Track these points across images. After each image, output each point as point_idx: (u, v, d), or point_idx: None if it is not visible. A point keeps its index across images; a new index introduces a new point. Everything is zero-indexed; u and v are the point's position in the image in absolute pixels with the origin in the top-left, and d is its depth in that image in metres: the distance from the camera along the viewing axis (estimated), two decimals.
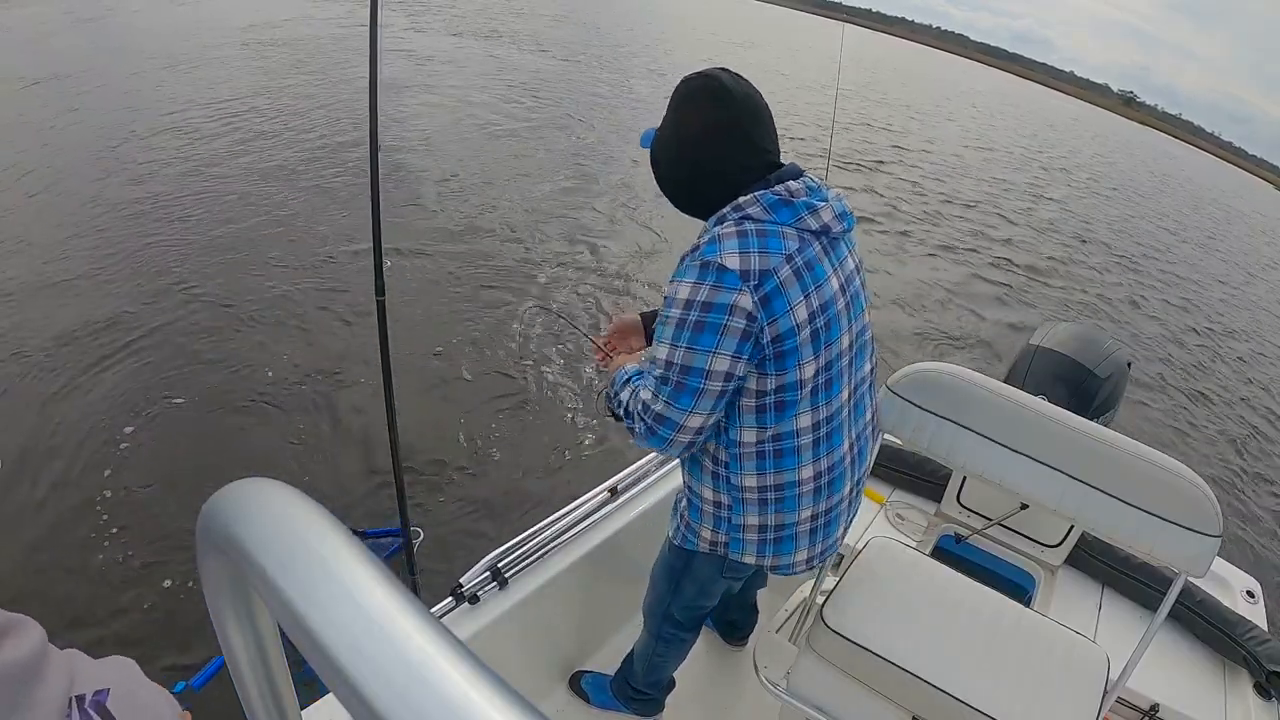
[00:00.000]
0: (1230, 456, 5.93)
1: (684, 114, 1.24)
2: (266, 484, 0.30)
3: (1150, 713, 1.90)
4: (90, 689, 0.57)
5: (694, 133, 1.22)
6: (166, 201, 5.86)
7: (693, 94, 1.22)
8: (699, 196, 1.26)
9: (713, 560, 1.46)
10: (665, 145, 1.28)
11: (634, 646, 1.85)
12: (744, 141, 1.21)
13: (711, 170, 1.22)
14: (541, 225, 6.76)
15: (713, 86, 1.20)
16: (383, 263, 1.96)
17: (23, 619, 0.56)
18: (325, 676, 0.23)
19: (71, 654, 0.60)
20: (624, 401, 1.30)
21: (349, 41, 12.31)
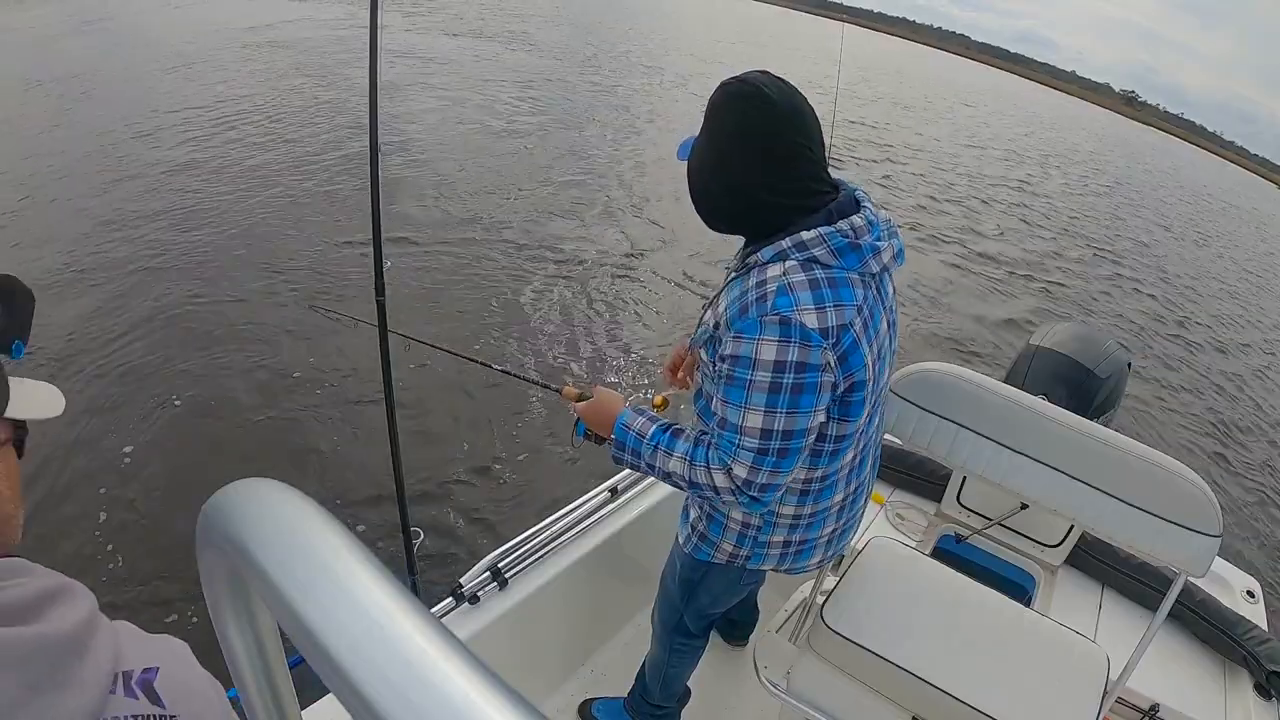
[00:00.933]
0: (1231, 456, 5.93)
1: (721, 126, 1.12)
2: (266, 484, 0.30)
3: (1150, 713, 1.90)
4: (138, 666, 0.55)
5: (732, 148, 1.11)
6: (166, 202, 5.86)
7: (730, 103, 1.11)
8: (741, 220, 1.18)
9: (730, 571, 1.46)
10: (701, 161, 1.18)
11: (644, 663, 1.83)
12: (790, 159, 1.11)
13: (753, 193, 1.12)
14: (542, 224, 6.76)
15: (751, 94, 1.09)
16: (383, 263, 1.96)
17: (74, 585, 0.54)
18: (325, 676, 0.23)
19: (122, 626, 0.58)
20: (673, 472, 1.21)
21: (349, 42, 12.31)
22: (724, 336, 1.12)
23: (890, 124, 17.40)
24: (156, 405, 3.66)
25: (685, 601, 1.58)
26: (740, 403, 1.10)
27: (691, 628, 1.65)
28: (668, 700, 1.82)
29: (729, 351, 1.10)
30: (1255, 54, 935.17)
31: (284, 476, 0.30)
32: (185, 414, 3.65)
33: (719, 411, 1.15)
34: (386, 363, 2.03)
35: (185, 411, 3.67)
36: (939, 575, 1.75)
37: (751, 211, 1.15)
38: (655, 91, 14.51)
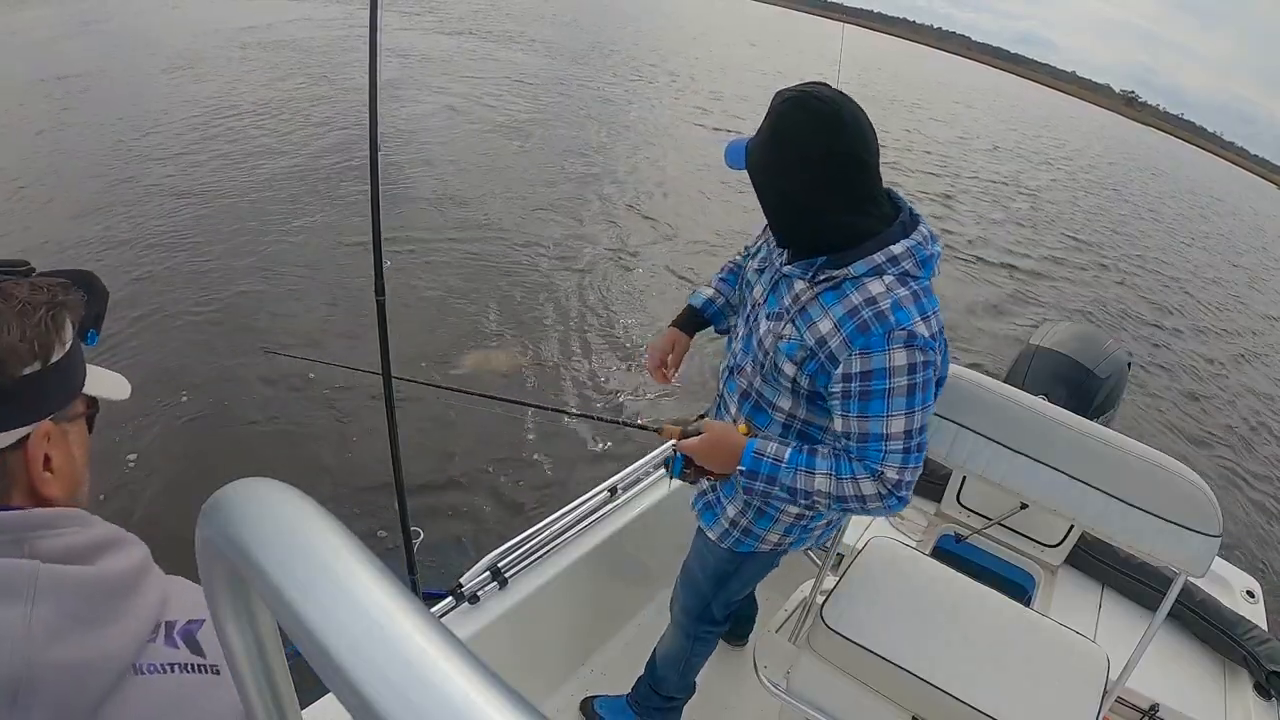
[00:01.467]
0: (1230, 455, 5.93)
1: (802, 147, 1.13)
2: (266, 484, 0.30)
3: (1150, 713, 1.90)
4: (184, 617, 0.59)
5: (819, 172, 1.14)
6: (164, 203, 5.86)
7: (812, 122, 1.12)
8: (824, 238, 1.19)
9: (767, 556, 1.52)
10: (781, 184, 1.18)
11: (658, 653, 1.84)
12: (870, 176, 1.16)
13: (838, 215, 1.16)
14: (541, 223, 6.76)
15: (829, 114, 1.11)
16: (383, 263, 1.96)
17: (128, 537, 0.60)
18: (325, 676, 0.23)
19: (173, 580, 0.63)
20: (816, 490, 1.23)
21: (348, 42, 12.31)
22: (841, 356, 1.16)
23: (890, 123, 17.41)
24: (157, 405, 3.66)
25: (715, 591, 1.62)
26: (882, 413, 1.16)
27: (717, 615, 1.68)
28: (683, 690, 1.83)
29: (858, 369, 1.15)
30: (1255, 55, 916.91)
31: (284, 476, 0.30)
32: (186, 414, 3.65)
33: (853, 427, 1.19)
34: (386, 363, 2.03)
35: (186, 412, 3.67)
36: (939, 575, 1.75)
37: (837, 229, 1.18)
38: (654, 89, 14.53)
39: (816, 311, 1.20)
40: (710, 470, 1.34)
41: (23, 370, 0.57)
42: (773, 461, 1.25)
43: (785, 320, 1.25)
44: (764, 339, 1.28)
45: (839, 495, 1.22)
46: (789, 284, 1.26)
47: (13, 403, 0.57)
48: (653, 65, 18.07)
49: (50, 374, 0.59)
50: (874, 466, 1.19)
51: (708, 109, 13.70)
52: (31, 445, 0.59)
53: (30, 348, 0.57)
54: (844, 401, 1.19)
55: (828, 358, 1.18)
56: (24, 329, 0.57)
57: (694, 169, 9.61)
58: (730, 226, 7.49)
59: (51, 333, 0.59)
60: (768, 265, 1.35)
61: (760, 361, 1.30)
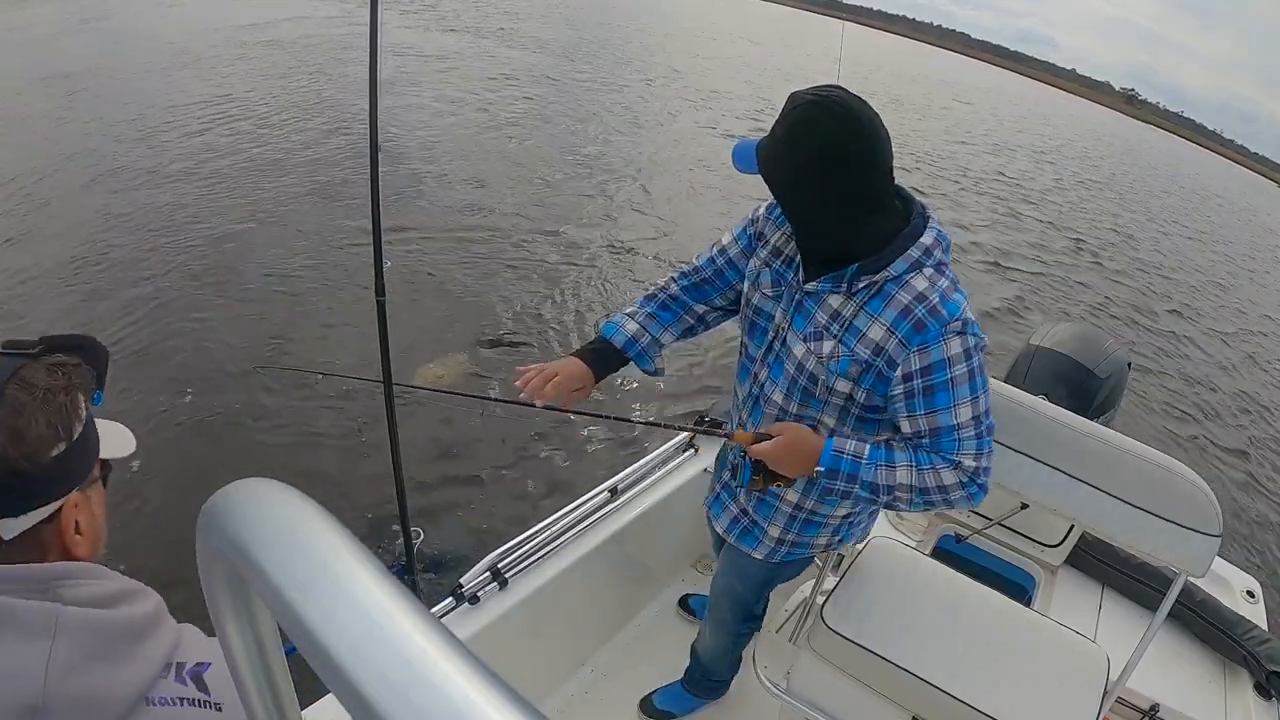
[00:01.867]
0: (1230, 455, 5.93)
1: (821, 148, 1.12)
2: (266, 484, 0.30)
3: (1150, 713, 1.90)
4: (192, 659, 0.66)
5: (847, 176, 1.13)
6: (163, 204, 5.86)
7: (836, 126, 1.11)
8: (857, 240, 1.18)
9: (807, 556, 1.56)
10: (810, 190, 1.16)
11: (702, 653, 1.90)
12: (890, 177, 1.17)
13: (864, 215, 1.16)
14: (541, 222, 6.76)
15: (848, 118, 1.11)
16: (383, 263, 1.96)
17: (143, 588, 0.67)
18: (325, 676, 0.23)
19: (185, 628, 0.70)
20: (898, 484, 1.20)
21: (348, 40, 12.31)
22: (899, 358, 1.16)
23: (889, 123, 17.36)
24: (158, 407, 3.66)
25: (759, 595, 1.69)
26: (949, 404, 1.16)
27: (758, 611, 1.76)
28: (732, 671, 1.96)
29: (917, 366, 1.15)
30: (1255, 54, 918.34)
31: (283, 476, 0.30)
32: (186, 414, 3.65)
33: (923, 425, 1.18)
34: (386, 364, 2.03)
35: (186, 412, 3.67)
36: (939, 575, 1.75)
37: (869, 233, 1.17)
38: (653, 89, 14.53)
39: (864, 322, 1.18)
40: (782, 476, 1.30)
41: (51, 453, 0.63)
42: (853, 459, 1.22)
43: (826, 339, 1.22)
44: (803, 362, 1.25)
45: (922, 487, 1.19)
46: (818, 300, 1.23)
47: (45, 483, 0.63)
48: (652, 63, 18.07)
49: (74, 450, 0.65)
50: (950, 457, 1.18)
51: (706, 108, 13.71)
52: (64, 515, 0.66)
53: (55, 432, 0.63)
54: (908, 402, 1.18)
55: (886, 363, 1.18)
56: (49, 416, 0.63)
57: (693, 167, 9.61)
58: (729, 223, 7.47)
59: (72, 414, 0.66)
60: (784, 287, 1.30)
61: (800, 386, 1.28)
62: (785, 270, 1.31)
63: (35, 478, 0.62)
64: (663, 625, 2.28)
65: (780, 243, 1.34)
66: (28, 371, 0.64)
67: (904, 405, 1.19)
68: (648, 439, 4.04)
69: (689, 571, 2.49)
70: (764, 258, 1.36)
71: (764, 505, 1.46)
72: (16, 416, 0.61)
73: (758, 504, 1.46)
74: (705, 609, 1.86)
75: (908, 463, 1.20)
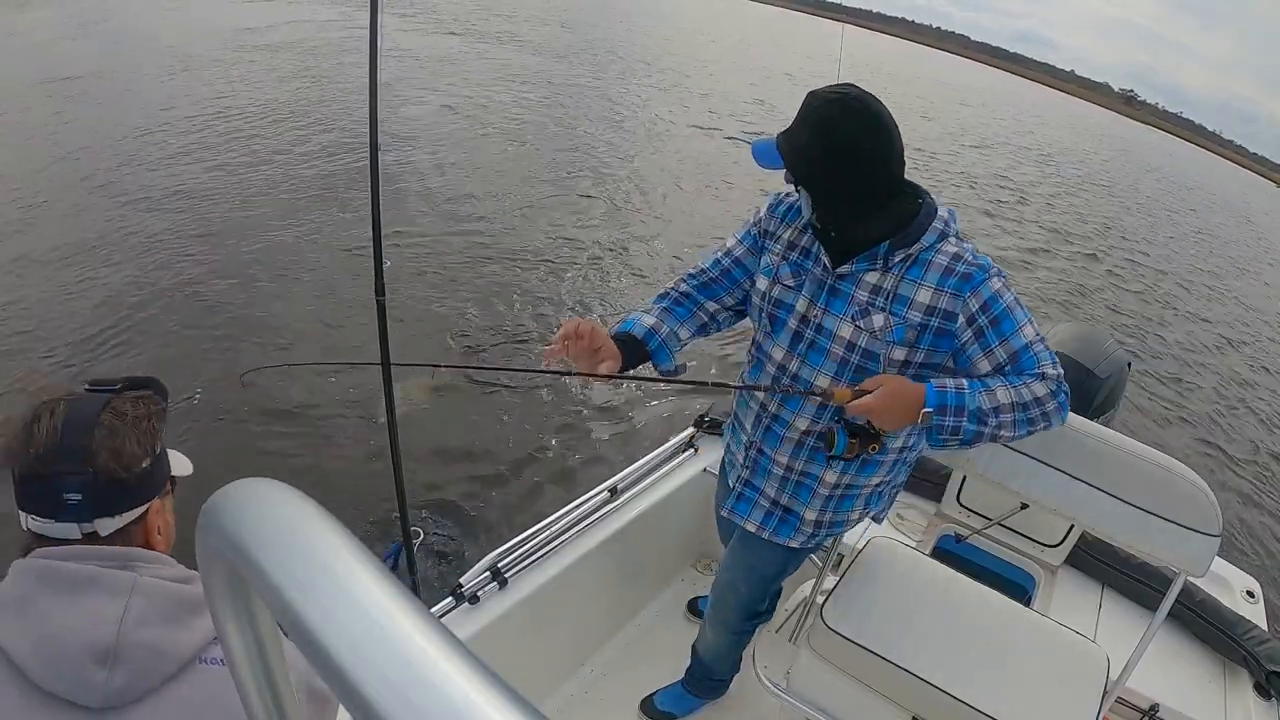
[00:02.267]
0: (1231, 455, 5.93)
1: (855, 141, 1.23)
2: (266, 484, 0.30)
3: (1150, 713, 1.90)
4: None
5: (871, 161, 1.24)
6: (164, 203, 5.86)
7: (860, 119, 1.22)
8: (894, 222, 1.28)
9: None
10: (846, 179, 1.25)
11: (703, 653, 1.91)
12: (901, 161, 1.27)
13: (894, 198, 1.28)
14: (541, 221, 6.76)
15: (871, 111, 1.23)
16: (383, 262, 1.96)
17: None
18: (325, 676, 0.23)
19: None
20: (1000, 405, 1.24)
21: (348, 43, 12.31)
22: (956, 308, 1.25)
23: None
24: None
25: (767, 589, 1.70)
26: (1014, 327, 1.26)
27: (764, 607, 1.77)
28: (734, 671, 1.97)
29: (975, 307, 1.25)
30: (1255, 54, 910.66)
31: (283, 476, 0.30)
32: (186, 414, 3.65)
33: (1001, 355, 1.26)
34: (386, 363, 2.03)
35: (186, 411, 3.67)
36: (939, 575, 1.75)
37: (899, 214, 1.28)
38: (653, 89, 14.53)
39: (908, 289, 1.27)
40: (877, 438, 1.33)
41: (141, 466, 0.81)
42: (955, 390, 1.25)
43: (874, 313, 1.29)
44: (854, 341, 1.31)
45: (1022, 403, 1.24)
46: (854, 281, 1.31)
47: (137, 491, 0.82)
48: (650, 64, 18.07)
49: (156, 465, 0.84)
50: (1035, 371, 1.26)
51: (705, 108, 13.71)
52: (150, 518, 0.84)
53: (144, 450, 0.82)
54: (981, 340, 1.26)
55: (943, 318, 1.26)
56: (138, 437, 0.81)
57: (693, 165, 9.61)
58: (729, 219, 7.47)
59: (155, 436, 0.84)
60: (805, 276, 1.36)
61: (853, 364, 1.33)
62: (803, 261, 1.38)
63: (130, 486, 0.80)
64: (663, 625, 2.28)
65: (793, 236, 1.40)
66: (117, 403, 0.82)
67: (978, 345, 1.27)
68: (648, 439, 4.05)
69: (689, 571, 2.49)
70: (779, 252, 1.41)
71: (802, 490, 1.47)
72: (113, 438, 0.79)
73: (794, 489, 1.48)
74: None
75: (1003, 384, 1.25)
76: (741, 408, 1.55)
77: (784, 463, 1.46)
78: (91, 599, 0.74)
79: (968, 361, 1.29)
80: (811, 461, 1.44)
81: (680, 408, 4.44)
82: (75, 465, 0.77)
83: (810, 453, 1.43)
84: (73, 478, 0.76)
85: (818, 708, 1.60)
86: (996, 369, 1.27)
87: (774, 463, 1.48)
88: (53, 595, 0.74)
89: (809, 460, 1.44)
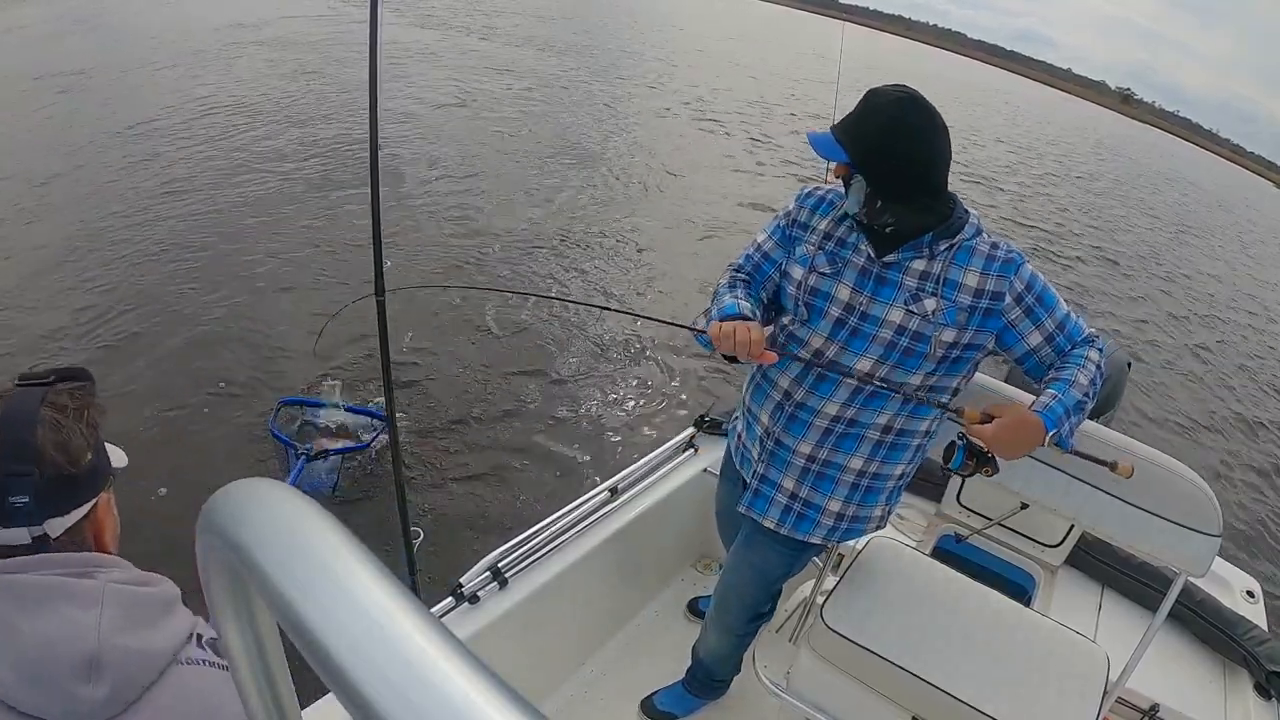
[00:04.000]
0: (1230, 454, 5.93)
1: (923, 136, 1.32)
2: (266, 484, 0.30)
3: (1150, 713, 1.90)
4: (210, 633, 0.80)
5: (940, 160, 1.34)
6: (163, 204, 5.86)
7: (925, 117, 1.32)
8: (947, 211, 1.37)
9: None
10: (917, 169, 1.34)
11: (704, 655, 1.91)
12: (944, 165, 1.36)
13: (940, 183, 1.37)
14: (541, 219, 6.76)
15: (930, 108, 1.33)
16: (383, 262, 1.95)
17: (163, 578, 0.81)
18: (325, 676, 0.22)
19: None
20: (1091, 384, 1.35)
21: (348, 39, 12.31)
22: (1003, 289, 1.34)
23: None
24: (158, 407, 3.66)
25: (772, 588, 1.70)
26: (1054, 302, 1.38)
27: (767, 607, 1.78)
28: (736, 672, 1.98)
29: (1021, 288, 1.35)
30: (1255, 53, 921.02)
31: (283, 476, 0.30)
32: (186, 414, 3.65)
33: (1051, 326, 1.37)
34: (386, 362, 2.03)
35: (186, 411, 3.67)
36: (939, 575, 1.75)
37: (948, 206, 1.37)
38: (653, 90, 14.54)
39: (956, 274, 1.35)
40: (991, 463, 1.39)
41: (86, 459, 0.78)
42: (1054, 401, 1.32)
43: (926, 297, 1.36)
44: (905, 325, 1.36)
45: (1093, 377, 1.35)
46: (901, 269, 1.37)
47: (85, 485, 0.78)
48: (651, 63, 18.08)
49: (99, 457, 0.81)
50: (1081, 336, 1.39)
51: (704, 110, 13.72)
52: (99, 512, 0.81)
53: (86, 442, 0.78)
54: (1031, 315, 1.36)
55: (991, 299, 1.34)
56: (81, 429, 0.78)
57: (693, 165, 9.62)
58: (728, 217, 7.50)
59: (96, 427, 0.81)
60: (844, 265, 1.42)
61: (901, 348, 1.38)
62: (840, 250, 1.43)
63: (79, 481, 0.77)
64: (663, 625, 2.28)
65: (828, 228, 1.46)
66: (54, 396, 0.78)
67: (1029, 320, 1.36)
68: (648, 439, 4.05)
69: (689, 571, 2.49)
70: (815, 242, 1.46)
71: (824, 481, 1.48)
72: (58, 432, 0.75)
73: (815, 481, 1.49)
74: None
75: (1074, 369, 1.34)
76: (756, 400, 1.54)
77: (806, 452, 1.47)
78: (63, 611, 0.71)
79: (1017, 337, 1.37)
80: (836, 450, 1.45)
81: (681, 408, 4.44)
82: (23, 465, 0.73)
83: (837, 440, 1.45)
84: (20, 479, 0.72)
85: (818, 708, 1.60)
86: (1047, 338, 1.37)
87: (795, 454, 1.48)
88: (20, 611, 0.70)
89: (834, 449, 1.45)
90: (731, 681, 2.00)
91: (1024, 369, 1.42)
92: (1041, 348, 1.38)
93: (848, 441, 1.45)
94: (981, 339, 1.38)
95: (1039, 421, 1.29)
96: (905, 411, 1.43)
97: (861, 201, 1.35)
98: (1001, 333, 1.37)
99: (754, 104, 15.42)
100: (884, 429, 1.44)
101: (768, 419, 1.50)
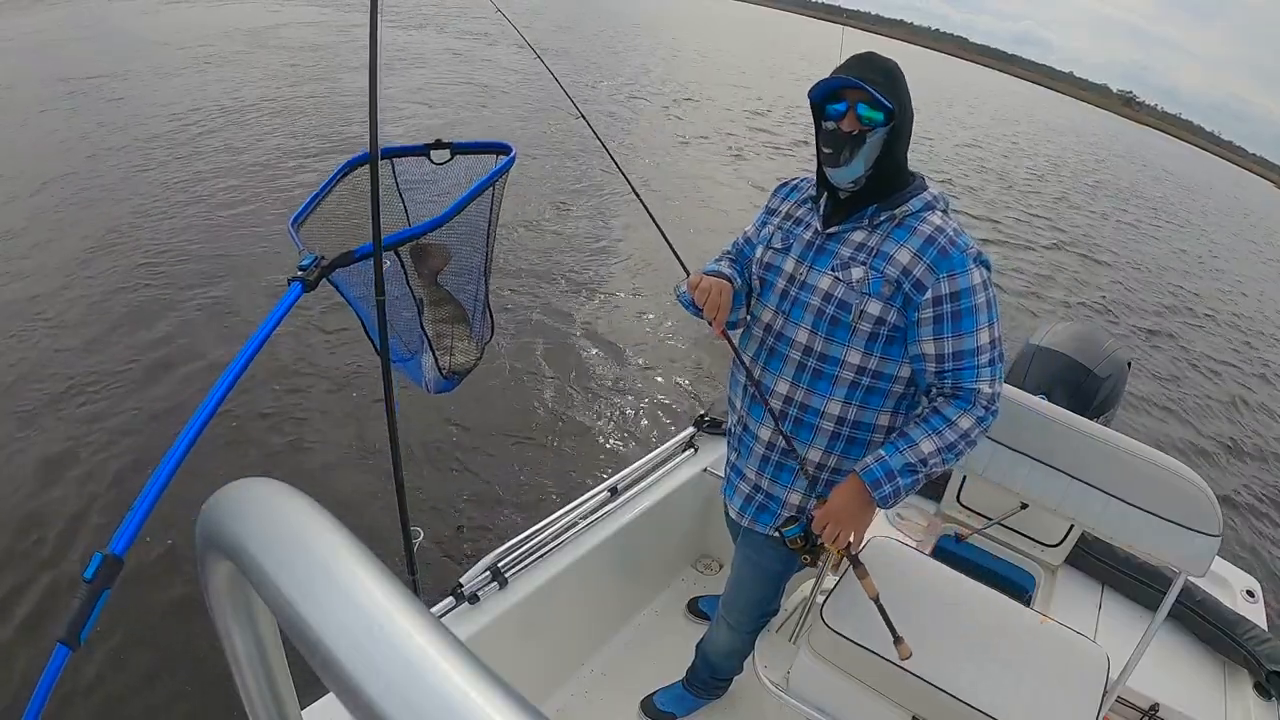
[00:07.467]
0: (1230, 455, 5.93)
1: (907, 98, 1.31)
2: (266, 484, 0.30)
3: (1150, 713, 1.90)
4: None
5: (907, 117, 1.32)
6: (163, 204, 5.86)
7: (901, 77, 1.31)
8: (900, 178, 1.34)
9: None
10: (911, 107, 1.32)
11: (710, 653, 1.90)
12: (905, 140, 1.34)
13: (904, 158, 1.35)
14: (540, 219, 6.76)
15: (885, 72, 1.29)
16: (383, 262, 1.95)
17: None
18: (325, 676, 0.22)
19: None
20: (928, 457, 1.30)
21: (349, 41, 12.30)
22: (928, 281, 1.26)
23: None
24: (158, 406, 3.66)
25: (779, 585, 1.70)
26: (973, 328, 1.27)
27: (775, 605, 1.78)
28: (738, 671, 1.96)
29: (946, 291, 1.26)
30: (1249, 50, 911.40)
31: (282, 476, 0.30)
32: (184, 413, 3.64)
33: (948, 348, 1.28)
34: (386, 361, 2.03)
35: (185, 411, 3.66)
36: (939, 575, 1.75)
37: (903, 174, 1.34)
38: (652, 91, 14.54)
39: (890, 247, 1.31)
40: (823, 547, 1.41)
41: None
42: (876, 463, 1.31)
43: (855, 266, 1.33)
44: (831, 291, 1.34)
45: (946, 446, 1.29)
46: (841, 240, 1.36)
47: None
48: (648, 62, 18.07)
49: None
50: (968, 387, 1.29)
51: (703, 109, 13.72)
52: None
53: None
54: (937, 326, 1.28)
55: (913, 286, 1.28)
56: None
57: (692, 163, 9.62)
58: (725, 217, 7.50)
59: None
60: (791, 240, 1.43)
61: (829, 316, 1.35)
62: (794, 228, 1.44)
63: None
64: (663, 625, 2.28)
65: (790, 209, 1.48)
66: None
67: (931, 329, 1.29)
68: (648, 439, 4.05)
69: (689, 571, 2.49)
70: (776, 223, 1.49)
71: (782, 471, 1.48)
72: None
73: (775, 471, 1.48)
74: (714, 610, 1.86)
75: (925, 433, 1.30)
76: (733, 388, 1.57)
77: (765, 438, 1.47)
78: None
79: (915, 337, 1.32)
80: (794, 438, 1.44)
81: (681, 407, 4.44)
82: None
83: (793, 427, 1.43)
84: None
85: (818, 708, 1.60)
86: (936, 358, 1.30)
87: (756, 440, 1.49)
88: None
89: (791, 436, 1.43)
90: (732, 681, 2.00)
91: (913, 369, 1.37)
92: (928, 362, 1.32)
93: (803, 430, 1.43)
94: (907, 319, 1.33)
95: (863, 490, 1.32)
96: (856, 400, 1.39)
97: (872, 161, 1.30)
98: (907, 326, 1.33)
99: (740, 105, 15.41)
100: (837, 419, 1.40)
101: (740, 404, 1.53)
